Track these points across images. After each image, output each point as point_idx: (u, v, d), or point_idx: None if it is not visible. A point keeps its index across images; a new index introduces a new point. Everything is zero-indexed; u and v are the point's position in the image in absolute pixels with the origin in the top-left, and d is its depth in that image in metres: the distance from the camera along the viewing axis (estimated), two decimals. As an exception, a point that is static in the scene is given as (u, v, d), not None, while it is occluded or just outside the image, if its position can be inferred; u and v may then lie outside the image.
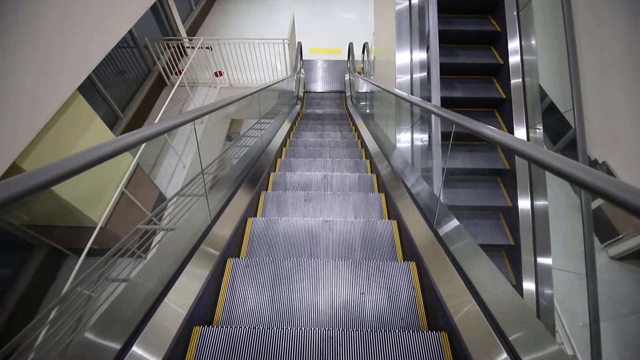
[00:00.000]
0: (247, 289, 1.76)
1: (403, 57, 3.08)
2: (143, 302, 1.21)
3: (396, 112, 2.96)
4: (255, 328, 1.46)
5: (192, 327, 1.45)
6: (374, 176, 3.05)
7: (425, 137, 2.76)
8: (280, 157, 3.64)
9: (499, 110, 3.27)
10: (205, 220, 1.72)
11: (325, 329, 1.47)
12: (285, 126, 4.47)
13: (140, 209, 4.32)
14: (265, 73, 6.94)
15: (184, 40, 7.23)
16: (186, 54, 7.04)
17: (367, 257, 2.11)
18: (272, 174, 3.05)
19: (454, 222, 1.60)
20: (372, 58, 5.78)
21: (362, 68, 7.26)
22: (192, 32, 9.10)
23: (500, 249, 3.02)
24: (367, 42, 6.73)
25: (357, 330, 1.47)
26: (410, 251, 2.01)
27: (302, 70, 8.00)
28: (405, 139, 2.90)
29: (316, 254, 2.12)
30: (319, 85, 8.17)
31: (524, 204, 2.86)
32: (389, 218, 2.51)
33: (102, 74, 5.23)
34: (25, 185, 0.56)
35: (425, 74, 3.01)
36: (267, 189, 2.96)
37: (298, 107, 6.53)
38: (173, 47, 6.66)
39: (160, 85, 6.92)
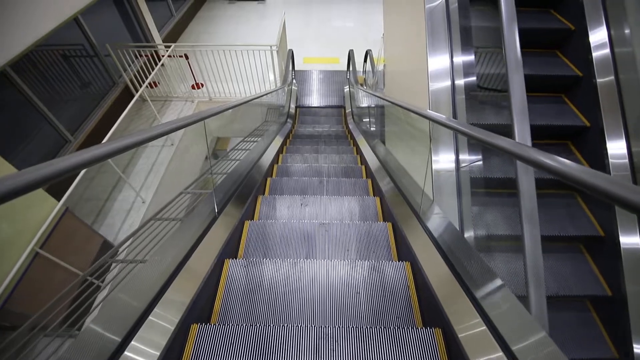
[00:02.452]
0: None
1: (438, 64, 2.08)
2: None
3: (430, 144, 1.93)
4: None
5: None
6: (408, 266, 1.91)
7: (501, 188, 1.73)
8: (253, 218, 2.54)
9: (576, 142, 2.26)
10: None
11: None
12: (267, 157, 3.40)
13: (79, 262, 3.22)
14: (252, 85, 5.94)
15: (158, 47, 6.22)
16: (157, 64, 6.03)
17: None
18: (227, 262, 1.91)
19: None
20: (380, 68, 4.81)
21: (365, 79, 6.28)
22: (171, 40, 8.11)
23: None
24: (370, 50, 5.77)
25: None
26: None
27: (294, 81, 7.00)
28: (449, 189, 1.87)
29: None
30: (314, 99, 7.15)
31: (634, 292, 1.83)
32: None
33: (44, 89, 4.19)
34: None
35: (473, 78, 2.01)
36: (210, 316, 1.70)
37: (289, 125, 5.50)
38: (143, 56, 5.65)
39: (128, 100, 5.87)
